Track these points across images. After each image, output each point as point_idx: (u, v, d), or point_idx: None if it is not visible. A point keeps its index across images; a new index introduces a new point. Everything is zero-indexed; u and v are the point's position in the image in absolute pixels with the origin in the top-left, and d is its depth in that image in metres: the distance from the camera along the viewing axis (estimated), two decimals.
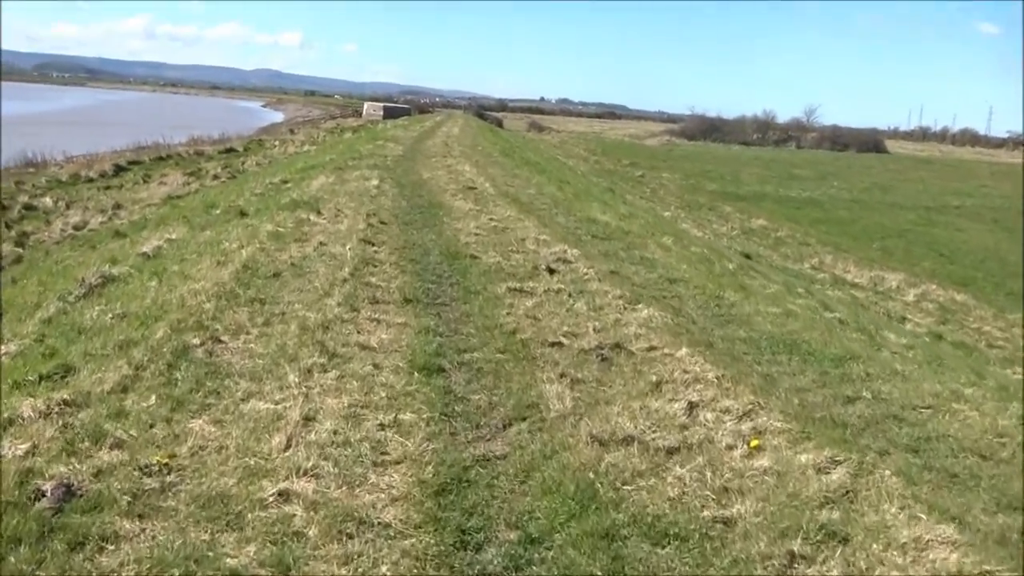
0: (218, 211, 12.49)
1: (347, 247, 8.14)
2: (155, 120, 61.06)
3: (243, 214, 11.13)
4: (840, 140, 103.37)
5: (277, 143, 39.10)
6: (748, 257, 20.62)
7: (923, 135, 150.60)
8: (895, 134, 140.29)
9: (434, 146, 28.64)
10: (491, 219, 11.11)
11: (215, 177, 23.10)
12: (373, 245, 8.55)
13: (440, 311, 6.20)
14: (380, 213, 11.13)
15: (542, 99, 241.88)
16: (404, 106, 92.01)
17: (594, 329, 5.72)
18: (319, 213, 10.70)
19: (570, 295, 6.72)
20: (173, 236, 9.80)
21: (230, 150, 35.04)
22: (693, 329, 6.09)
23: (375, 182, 14.70)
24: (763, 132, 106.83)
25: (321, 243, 8.39)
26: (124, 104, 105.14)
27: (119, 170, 24.91)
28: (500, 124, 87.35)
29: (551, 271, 7.78)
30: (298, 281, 6.80)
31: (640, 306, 6.46)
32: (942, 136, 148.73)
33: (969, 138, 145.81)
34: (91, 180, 22.24)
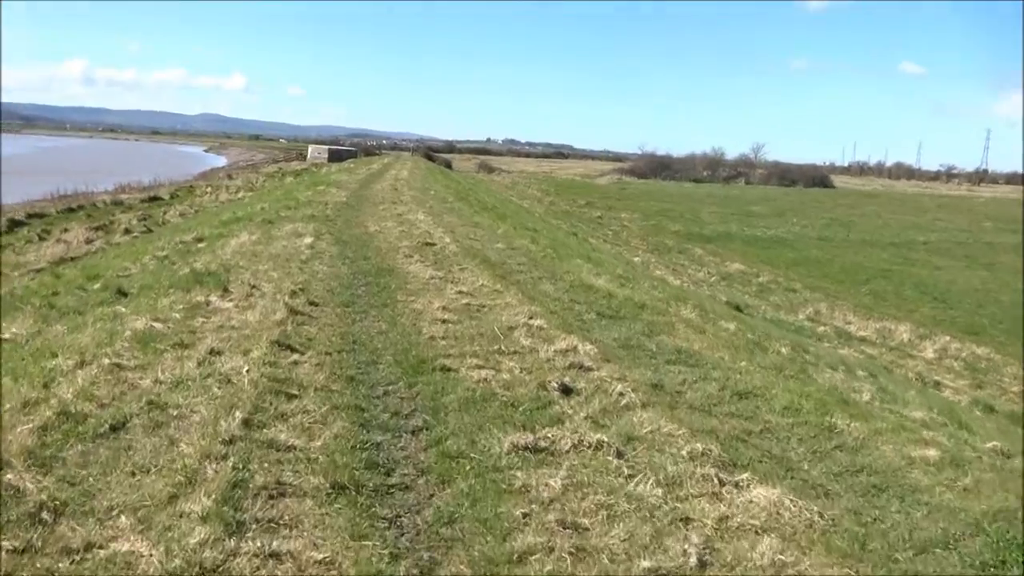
0: (97, 286, 9.49)
1: (250, 359, 5.29)
2: (87, 167, 57.04)
3: (122, 294, 8.17)
4: (787, 176, 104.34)
5: (209, 190, 35.82)
6: (739, 309, 18.29)
7: (860, 170, 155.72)
8: (833, 169, 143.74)
9: (382, 191, 25.90)
10: (460, 292, 8.37)
11: (126, 232, 19.89)
12: (292, 351, 5.71)
13: (399, 512, 3.39)
14: (311, 287, 8.29)
15: (489, 140, 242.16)
16: (350, 148, 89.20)
17: (698, 559, 2.98)
18: (226, 291, 7.81)
19: (618, 454, 3.99)
20: (8, 334, 6.79)
21: (154, 198, 31.67)
22: (855, 530, 3.41)
23: (309, 240, 11.85)
24: (713, 169, 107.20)
25: (213, 351, 5.52)
26: (58, 151, 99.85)
27: (14, 225, 21.47)
28: (449, 165, 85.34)
29: (566, 391, 5.05)
30: (148, 444, 3.93)
31: (743, 476, 3.76)
32: (878, 170, 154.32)
33: (904, 171, 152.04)
34: None
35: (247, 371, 4.97)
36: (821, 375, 6.90)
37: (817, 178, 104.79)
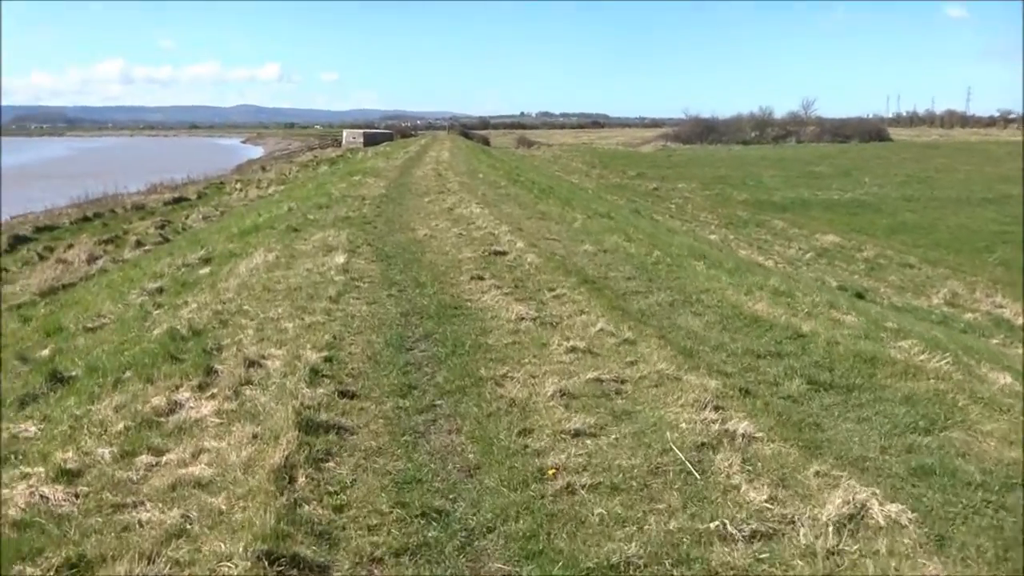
0: (45, 352, 6.70)
1: None
2: (123, 167, 55.35)
3: (58, 380, 5.33)
4: (840, 132, 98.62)
5: (239, 186, 33.25)
6: (860, 296, 14.99)
7: (910, 120, 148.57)
8: (882, 121, 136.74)
9: (424, 177, 22.92)
10: (574, 350, 5.32)
11: (138, 244, 17.26)
12: (299, 568, 2.74)
13: None
14: (342, 353, 5.35)
15: (523, 114, 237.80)
16: (385, 131, 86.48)
17: None
18: (209, 373, 4.91)
19: None
20: None
21: (180, 199, 29.19)
22: None
23: (341, 258, 8.92)
24: (761, 130, 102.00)
25: None
26: (98, 152, 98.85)
27: (17, 242, 19.07)
28: (487, 142, 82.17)
29: None
30: None
31: None
32: (929, 119, 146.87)
33: (957, 119, 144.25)
34: None
35: None
36: None
37: (872, 131, 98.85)
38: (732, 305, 6.79)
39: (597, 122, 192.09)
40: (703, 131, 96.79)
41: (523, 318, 6.17)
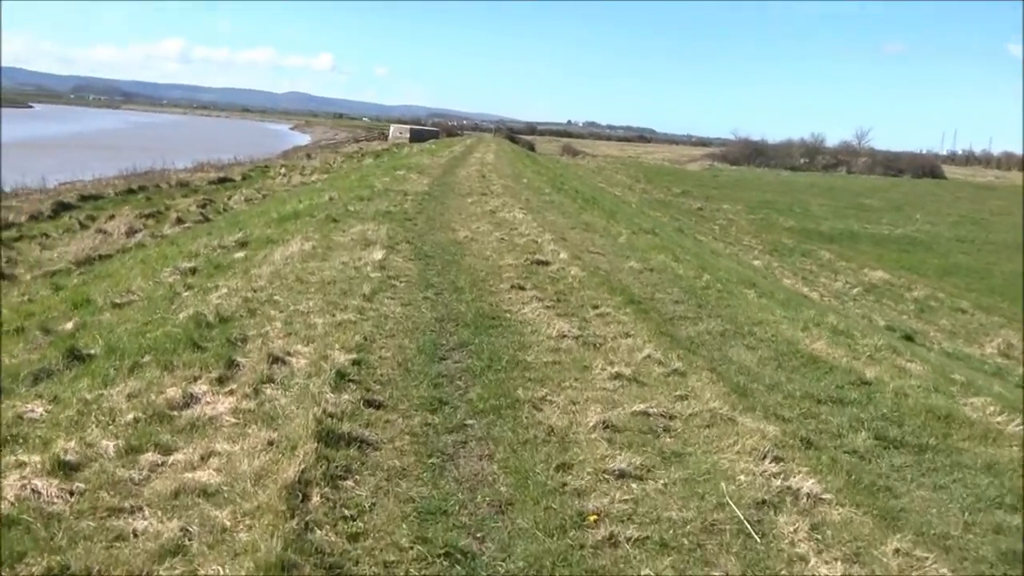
0: (68, 325, 6.50)
1: None
2: (175, 143, 56.12)
3: (76, 358, 5.09)
4: (893, 165, 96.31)
5: (284, 171, 33.34)
6: (910, 339, 14.32)
7: (966, 159, 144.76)
8: (936, 157, 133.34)
9: (468, 178, 22.67)
10: (618, 377, 4.94)
11: (178, 221, 17.23)
12: None
13: None
14: (372, 356, 5.04)
15: (570, 122, 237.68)
16: (432, 129, 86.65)
17: None
18: (230, 366, 4.63)
19: None
20: None
21: (224, 180, 29.29)
22: None
23: (379, 254, 8.63)
24: (811, 156, 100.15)
25: None
26: (151, 127, 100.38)
27: (61, 209, 19.21)
28: (532, 148, 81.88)
29: None
30: None
31: None
32: (987, 160, 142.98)
33: (1016, 162, 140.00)
34: (9, 226, 16.52)
35: None
36: None
37: (926, 168, 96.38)
38: (787, 341, 6.34)
39: (643, 136, 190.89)
40: (751, 153, 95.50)
41: (564, 336, 5.81)
